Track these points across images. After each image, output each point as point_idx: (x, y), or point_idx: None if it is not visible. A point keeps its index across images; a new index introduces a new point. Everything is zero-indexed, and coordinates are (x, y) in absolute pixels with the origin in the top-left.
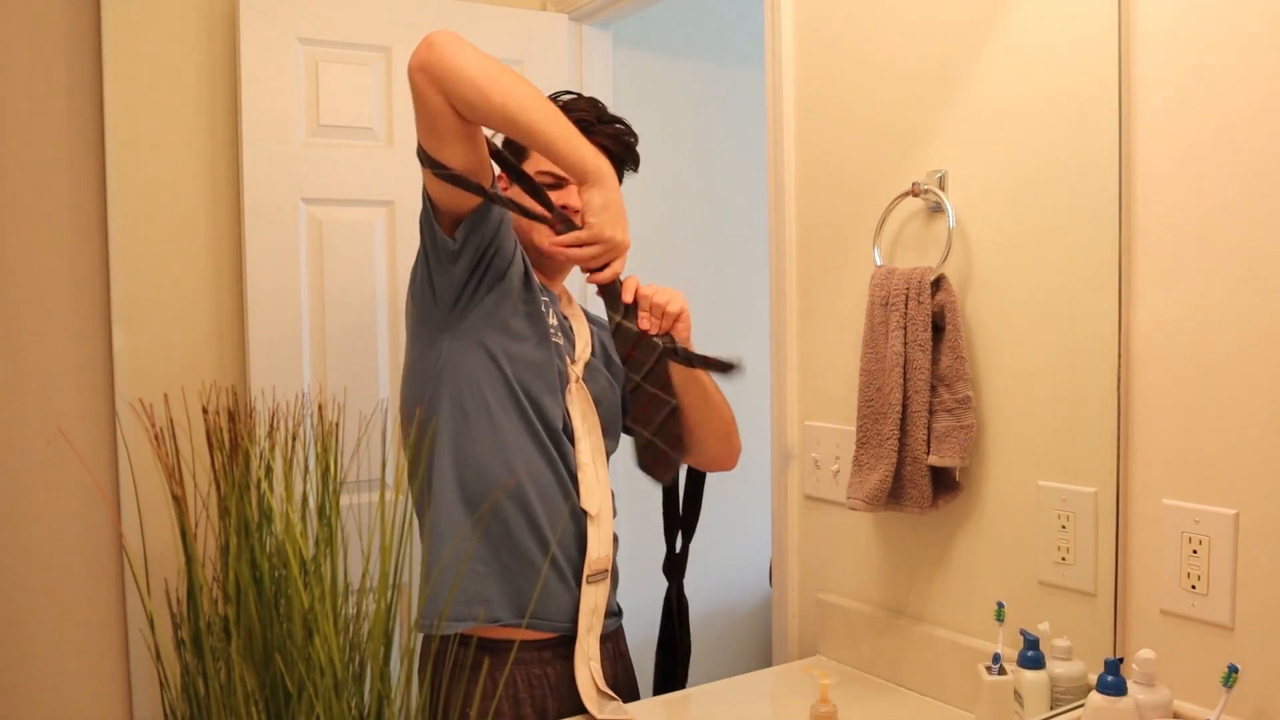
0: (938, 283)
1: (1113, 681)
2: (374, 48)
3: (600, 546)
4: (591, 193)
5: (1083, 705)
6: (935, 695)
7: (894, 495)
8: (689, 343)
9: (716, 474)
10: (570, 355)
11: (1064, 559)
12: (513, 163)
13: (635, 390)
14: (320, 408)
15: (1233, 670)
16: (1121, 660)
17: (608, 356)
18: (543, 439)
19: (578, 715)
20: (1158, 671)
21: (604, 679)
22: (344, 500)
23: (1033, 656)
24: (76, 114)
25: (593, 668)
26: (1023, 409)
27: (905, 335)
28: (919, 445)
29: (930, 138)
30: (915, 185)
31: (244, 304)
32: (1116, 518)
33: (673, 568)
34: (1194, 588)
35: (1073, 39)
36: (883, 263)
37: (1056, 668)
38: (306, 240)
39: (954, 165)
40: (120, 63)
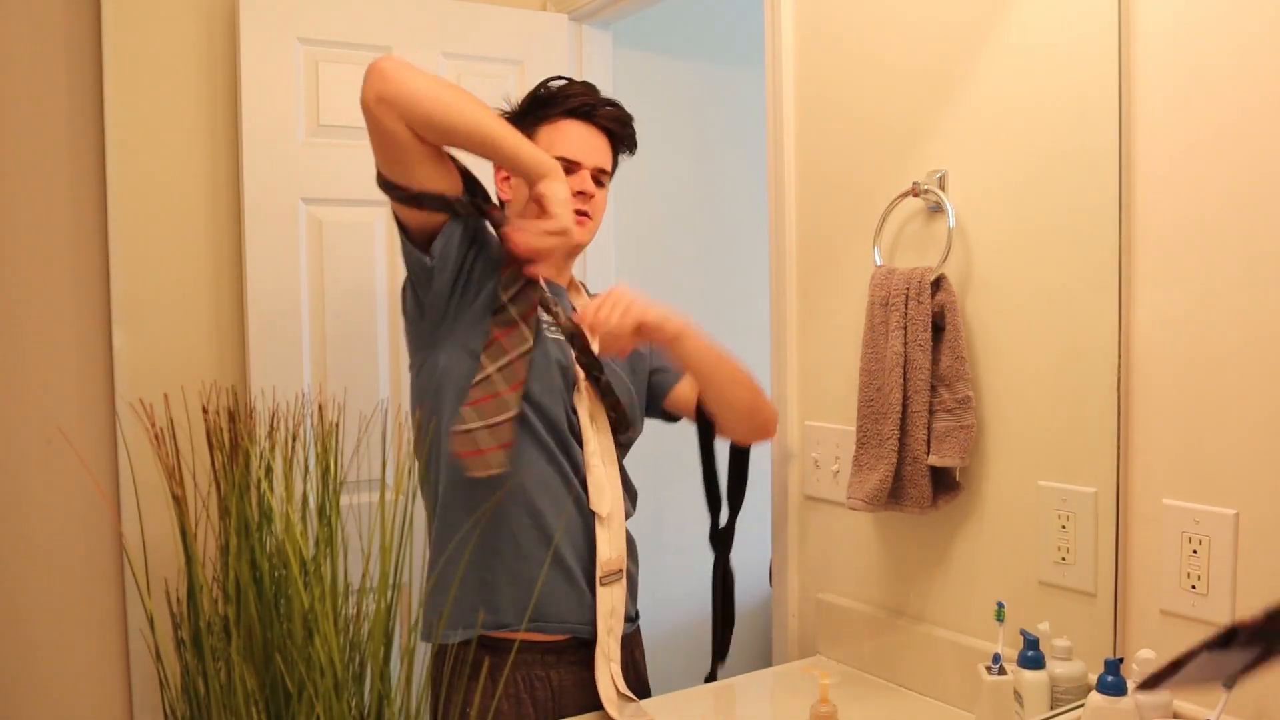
0: (938, 283)
1: (1113, 681)
2: (374, 48)
3: (611, 547)
4: (554, 185)
5: (1083, 705)
6: (935, 695)
7: (894, 495)
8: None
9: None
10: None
11: (1064, 559)
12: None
13: None
14: (320, 408)
15: None
16: (1121, 660)
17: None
18: (546, 441)
19: (594, 715)
20: None
21: (619, 676)
22: (344, 500)
23: (1033, 656)
24: (76, 114)
25: (613, 670)
26: (1023, 409)
27: (905, 335)
28: (919, 445)
29: (930, 138)
30: (915, 185)
31: (244, 304)
32: (1116, 518)
33: (718, 540)
34: (1194, 588)
35: (1073, 39)
36: (883, 263)
37: (1056, 668)
38: (306, 240)
39: (954, 165)
40: (120, 63)
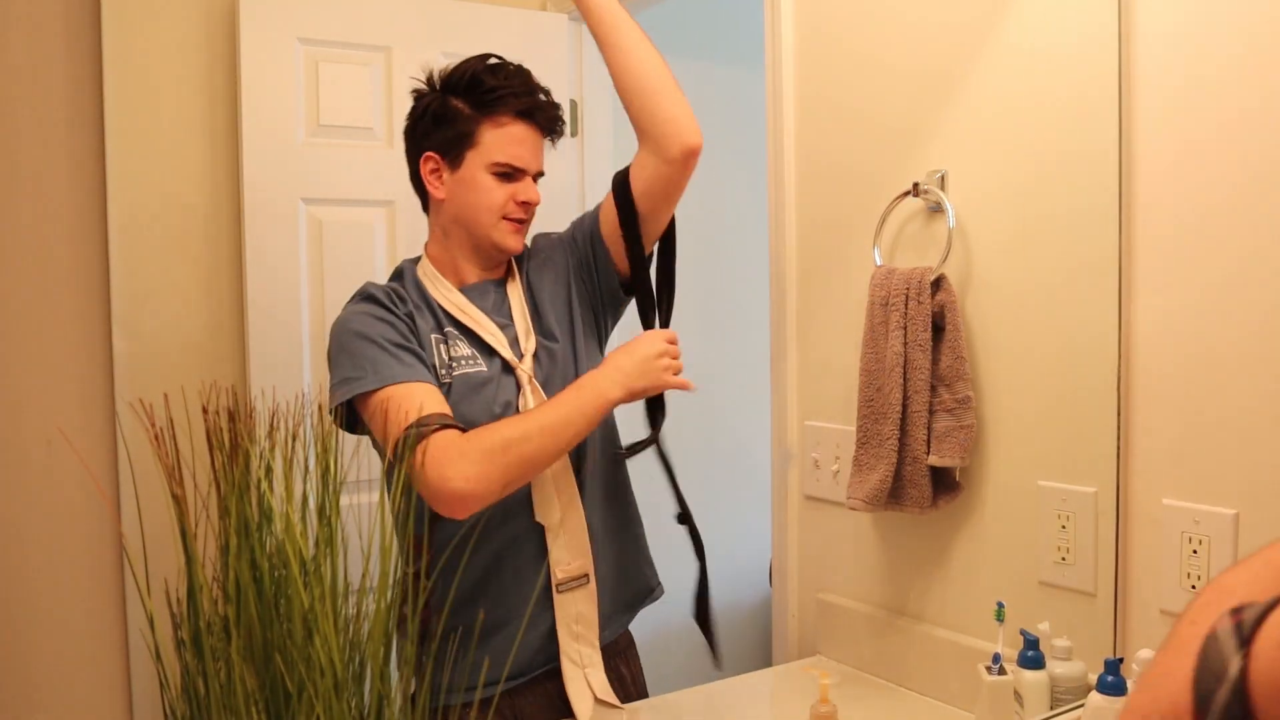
0: (938, 283)
1: (1113, 681)
2: (374, 48)
3: (567, 554)
4: (618, 357)
5: (1083, 705)
6: (935, 695)
7: (894, 495)
8: None
9: (717, 474)
10: (516, 351)
11: (1064, 559)
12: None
13: None
14: (320, 408)
15: None
16: (1121, 660)
17: (561, 309)
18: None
19: None
20: None
21: (609, 686)
22: (344, 500)
23: (1033, 656)
24: (76, 114)
25: (588, 675)
26: (1023, 409)
27: (905, 335)
28: (919, 445)
29: (930, 138)
30: (915, 185)
31: (244, 304)
32: (1116, 518)
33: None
34: (1194, 588)
35: (1073, 39)
36: (883, 263)
37: (1056, 668)
38: (306, 240)
39: (954, 165)
40: (120, 63)
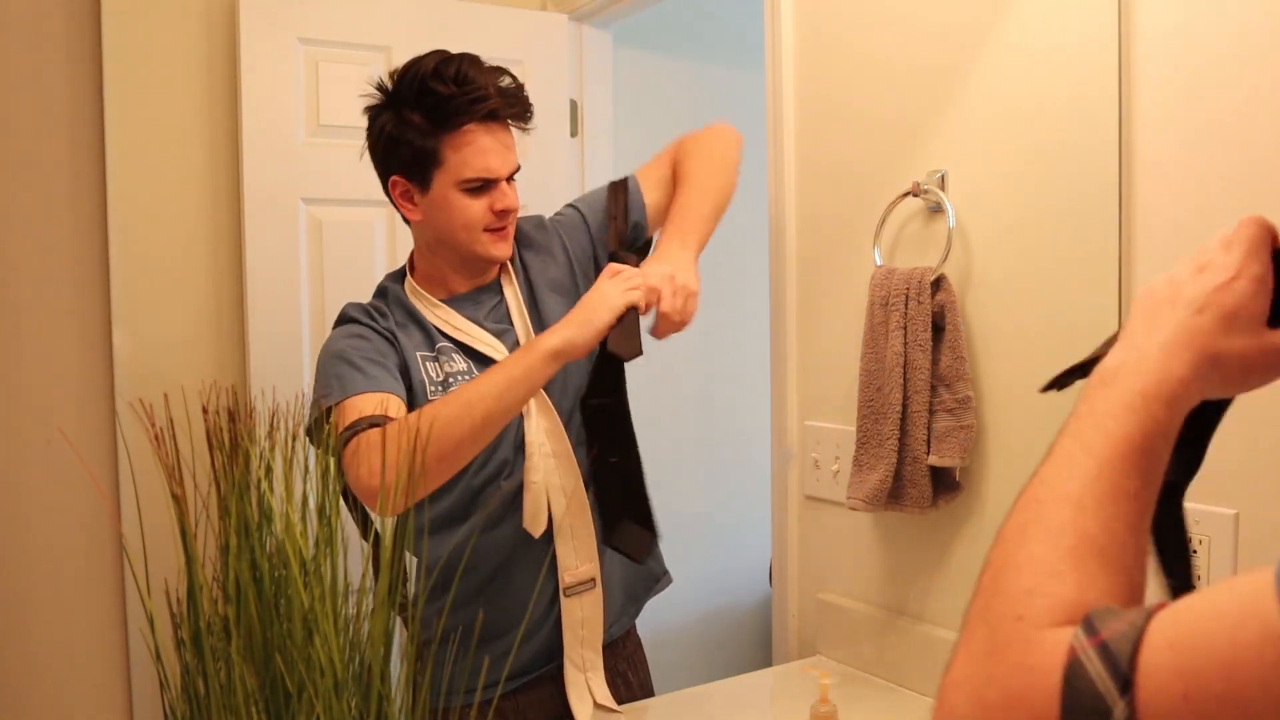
0: (938, 283)
1: None
2: (374, 48)
3: (575, 558)
4: (603, 294)
5: None
6: (935, 695)
7: (894, 495)
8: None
9: (717, 474)
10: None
11: None
12: None
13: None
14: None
15: None
16: None
17: (563, 301)
18: (482, 491)
19: None
20: None
21: (609, 690)
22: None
23: None
24: (76, 114)
25: (590, 680)
26: (1023, 409)
27: (905, 335)
28: (919, 445)
29: (930, 138)
30: (915, 185)
31: (244, 304)
32: None
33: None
34: (1194, 588)
35: (1073, 39)
36: (883, 263)
37: None
38: (306, 240)
39: (954, 165)
40: (120, 63)
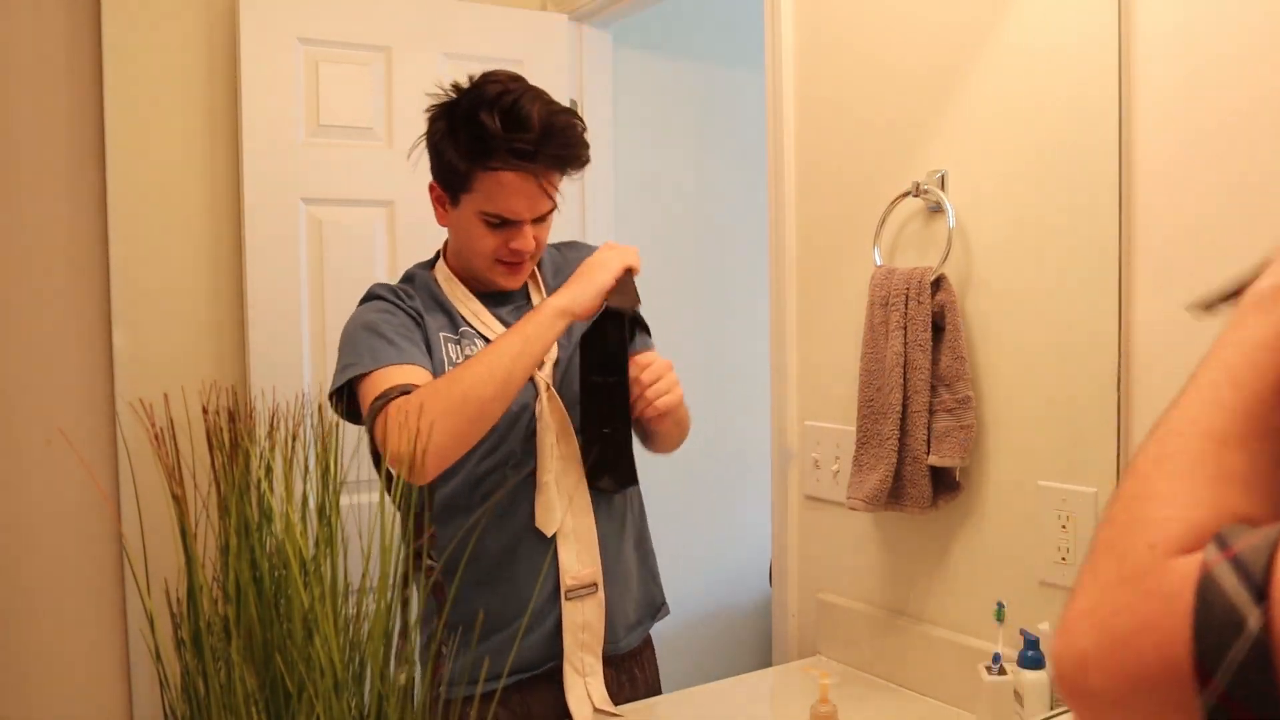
0: (938, 283)
1: None
2: (374, 48)
3: (577, 563)
4: (571, 295)
5: None
6: (935, 695)
7: (894, 495)
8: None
9: (717, 474)
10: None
11: (1064, 559)
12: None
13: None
14: (320, 408)
15: None
16: None
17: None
18: (485, 479)
19: None
20: None
21: (609, 696)
22: (344, 500)
23: (1033, 656)
24: (76, 114)
25: (589, 686)
26: (1023, 409)
27: (905, 335)
28: (919, 445)
29: (930, 138)
30: (915, 185)
31: (244, 304)
32: None
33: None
34: None
35: (1073, 39)
36: (883, 263)
37: None
38: (306, 240)
39: (954, 165)
40: (120, 62)
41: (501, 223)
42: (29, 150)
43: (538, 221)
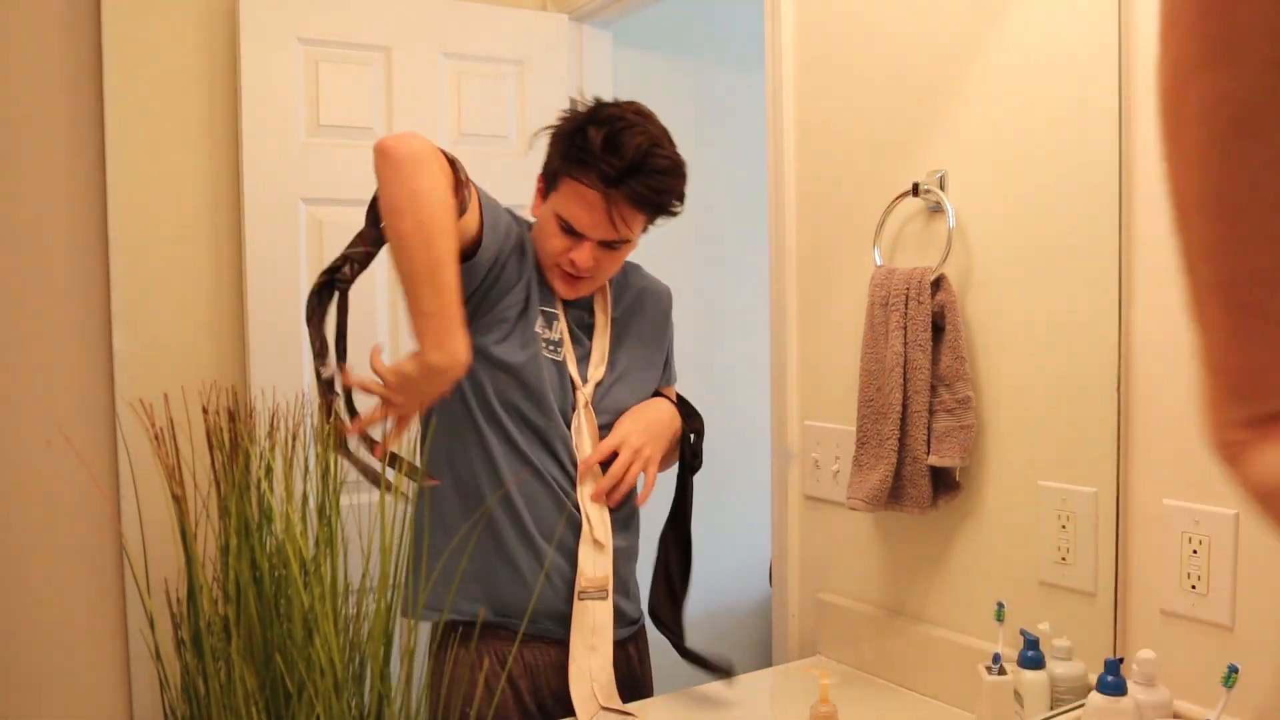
0: (938, 283)
1: (1113, 681)
2: (374, 48)
3: (595, 566)
4: (420, 362)
5: (1083, 705)
6: (935, 695)
7: (894, 495)
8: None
9: (718, 474)
10: (582, 374)
11: (1064, 559)
12: None
13: None
14: (320, 408)
15: (1233, 670)
16: (1121, 660)
17: (639, 355)
18: (523, 451)
19: None
20: (1158, 671)
21: (613, 691)
22: (344, 500)
23: (1033, 656)
24: (76, 114)
25: (596, 688)
26: (1023, 409)
27: (905, 335)
28: (919, 445)
29: (930, 138)
30: (915, 185)
31: (244, 304)
32: (1116, 518)
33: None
34: (1194, 588)
35: (1073, 38)
36: (883, 263)
37: (1056, 668)
38: (306, 240)
39: (954, 165)
40: (120, 63)
41: (570, 230)
42: (29, 150)
43: (606, 246)
